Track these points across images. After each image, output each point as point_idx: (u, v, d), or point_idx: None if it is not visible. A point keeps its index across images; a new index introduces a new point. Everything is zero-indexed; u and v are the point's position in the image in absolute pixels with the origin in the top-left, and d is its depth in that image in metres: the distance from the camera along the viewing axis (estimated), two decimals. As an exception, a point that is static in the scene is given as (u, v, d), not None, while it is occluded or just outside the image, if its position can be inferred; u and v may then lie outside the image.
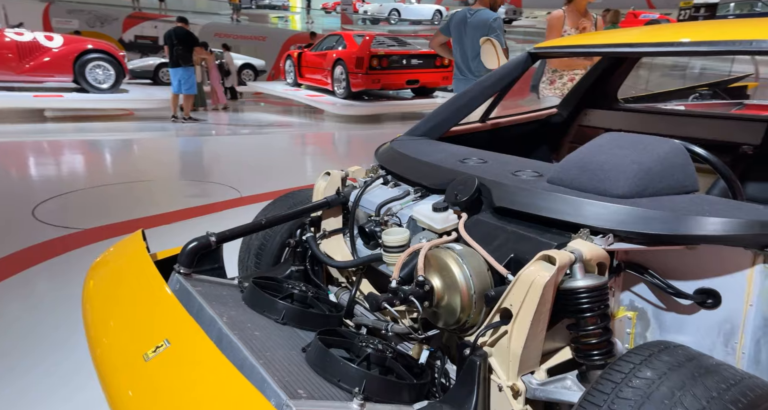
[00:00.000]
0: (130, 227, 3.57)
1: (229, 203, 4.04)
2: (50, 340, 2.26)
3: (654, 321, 1.19)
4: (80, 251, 3.18)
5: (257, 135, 8.23)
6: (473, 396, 1.09)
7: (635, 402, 0.84)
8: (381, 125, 9.72)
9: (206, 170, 5.56)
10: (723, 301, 1.07)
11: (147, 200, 4.29)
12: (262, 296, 1.46)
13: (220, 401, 0.96)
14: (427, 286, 1.23)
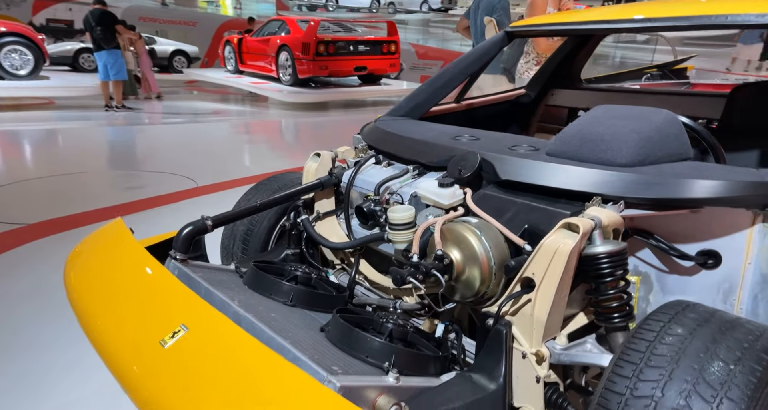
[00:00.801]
0: (80, 220, 3.33)
1: (187, 193, 3.85)
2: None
3: (657, 284, 1.28)
4: (31, 246, 2.92)
5: (200, 123, 7.88)
6: (502, 363, 1.12)
7: (672, 358, 0.89)
8: (327, 113, 9.62)
9: (154, 160, 5.26)
10: (723, 261, 1.17)
11: (94, 192, 4.00)
12: (267, 279, 1.41)
13: (259, 380, 0.92)
14: (447, 260, 1.25)
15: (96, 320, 1.17)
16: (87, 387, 1.71)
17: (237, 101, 10.78)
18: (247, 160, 5.33)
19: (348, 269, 1.79)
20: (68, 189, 4.09)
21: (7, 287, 2.53)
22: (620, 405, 0.89)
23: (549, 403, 1.14)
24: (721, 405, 0.81)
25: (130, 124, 7.54)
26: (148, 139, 6.58)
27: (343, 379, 0.98)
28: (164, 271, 1.28)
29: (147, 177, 4.47)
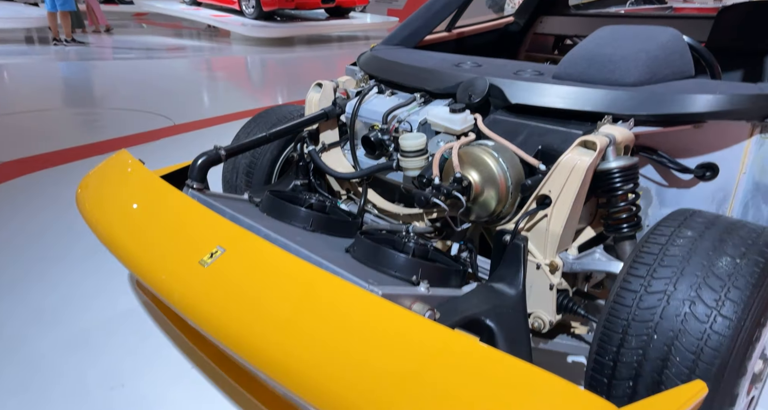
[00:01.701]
0: (57, 159, 3.20)
1: (166, 131, 3.72)
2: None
3: (656, 198, 1.39)
4: (12, 184, 2.82)
5: (157, 59, 7.44)
6: (520, 273, 1.22)
7: (683, 258, 1.00)
8: (293, 49, 9.22)
9: (120, 98, 5.00)
10: (720, 173, 1.27)
11: (64, 131, 3.81)
12: (285, 206, 1.44)
13: (309, 291, 0.98)
14: (465, 182, 1.30)
15: (127, 246, 1.19)
16: (109, 312, 1.75)
17: (193, 36, 10.14)
18: (220, 99, 5.14)
19: (355, 198, 1.83)
20: (35, 127, 3.88)
21: (9, 219, 2.48)
22: (635, 301, 1.00)
23: (560, 307, 1.26)
24: (728, 293, 0.92)
25: (83, 59, 7.05)
26: (106, 76, 6.20)
27: (383, 288, 1.05)
28: (187, 198, 1.29)
29: (119, 115, 4.27)
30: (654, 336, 0.96)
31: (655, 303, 0.98)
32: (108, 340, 1.64)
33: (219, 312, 0.98)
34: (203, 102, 4.92)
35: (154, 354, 1.58)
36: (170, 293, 1.06)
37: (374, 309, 0.92)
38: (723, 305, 0.92)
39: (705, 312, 0.93)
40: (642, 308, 0.99)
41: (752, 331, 0.92)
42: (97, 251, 2.17)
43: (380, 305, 0.93)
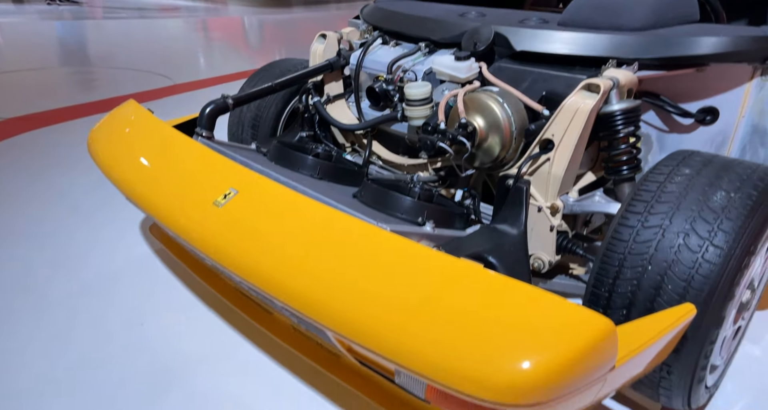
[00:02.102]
0: (62, 115, 3.21)
1: (167, 90, 3.70)
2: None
3: (656, 143, 1.42)
4: (21, 138, 2.84)
5: (151, 19, 7.28)
6: (522, 215, 1.26)
7: (680, 194, 1.04)
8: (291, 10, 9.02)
9: (119, 57, 4.93)
10: (720, 116, 1.30)
11: (66, 89, 3.79)
12: (293, 154, 1.47)
13: (320, 228, 1.03)
14: (470, 127, 1.33)
15: (143, 189, 1.23)
16: (123, 259, 1.81)
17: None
18: (218, 59, 5.07)
19: (360, 150, 1.86)
20: (34, 85, 3.86)
21: (23, 170, 2.52)
22: (632, 236, 1.05)
23: (560, 248, 1.32)
24: (721, 224, 0.97)
25: (77, 19, 6.90)
26: (103, 35, 6.09)
27: (392, 226, 1.09)
28: (198, 144, 1.32)
29: (118, 74, 4.23)
30: (648, 267, 1.01)
31: (651, 236, 1.03)
32: (124, 284, 1.70)
33: (235, 247, 1.03)
34: (202, 62, 4.86)
35: (168, 295, 1.65)
36: (188, 233, 1.11)
37: (384, 241, 0.97)
38: (715, 236, 0.97)
39: (698, 242, 0.98)
40: (638, 242, 1.04)
41: (741, 259, 0.97)
42: (107, 204, 2.22)
43: (390, 238, 0.97)
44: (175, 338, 1.48)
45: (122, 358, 1.40)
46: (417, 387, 0.88)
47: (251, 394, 1.30)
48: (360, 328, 0.87)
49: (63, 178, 2.46)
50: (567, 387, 0.77)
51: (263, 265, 0.99)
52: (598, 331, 0.77)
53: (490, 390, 0.75)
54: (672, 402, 1.11)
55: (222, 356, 1.41)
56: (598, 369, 0.79)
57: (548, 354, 0.75)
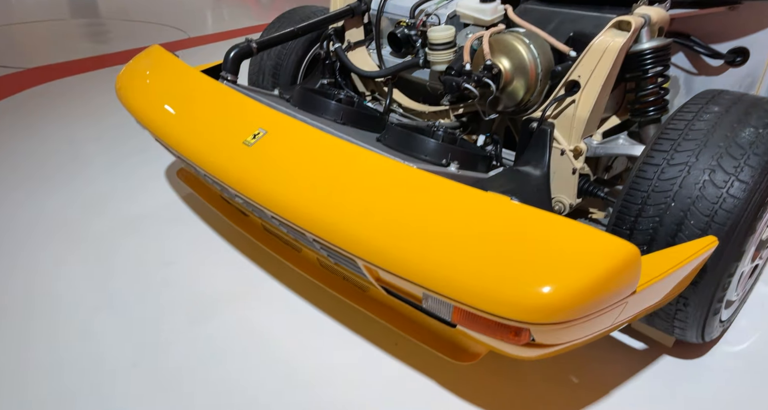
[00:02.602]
0: (77, 67, 3.23)
1: (182, 43, 3.68)
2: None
3: (684, 86, 1.40)
4: (43, 87, 2.90)
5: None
6: (545, 157, 1.28)
7: (708, 131, 1.04)
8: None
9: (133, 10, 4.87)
10: (750, 57, 1.28)
11: (79, 40, 3.78)
12: (316, 99, 1.48)
13: (347, 165, 1.05)
14: (495, 69, 1.32)
15: (174, 130, 1.26)
16: (153, 203, 1.87)
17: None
18: (234, 13, 4.99)
19: (380, 98, 1.86)
20: (50, 36, 3.86)
21: (54, 117, 2.58)
22: (656, 174, 1.06)
23: (581, 191, 1.33)
24: (747, 160, 0.98)
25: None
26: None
27: (418, 164, 1.12)
28: (224, 87, 1.33)
29: (133, 27, 4.20)
30: (672, 204, 1.03)
31: (676, 173, 1.04)
32: (156, 226, 1.77)
33: (268, 184, 1.06)
34: (216, 16, 4.79)
35: (198, 237, 1.71)
36: (220, 171, 1.14)
37: (412, 176, 0.99)
38: (741, 171, 0.98)
39: (723, 178, 0.99)
40: (662, 179, 1.05)
41: (765, 194, 0.98)
42: (133, 150, 2.27)
43: (417, 173, 1.00)
44: (206, 276, 1.54)
45: (158, 291, 1.48)
46: (443, 311, 0.92)
47: (279, 327, 1.36)
48: (390, 256, 0.91)
49: (93, 125, 2.50)
50: (589, 308, 0.81)
51: (297, 200, 1.03)
52: (622, 256, 0.80)
53: (516, 309, 0.79)
54: (686, 335, 1.15)
55: (250, 292, 1.48)
56: (619, 292, 0.82)
57: (573, 276, 0.78)
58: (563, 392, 1.19)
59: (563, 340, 0.88)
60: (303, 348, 1.30)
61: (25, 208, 1.88)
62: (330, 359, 1.27)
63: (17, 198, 1.94)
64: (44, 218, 1.83)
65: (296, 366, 1.25)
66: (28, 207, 1.88)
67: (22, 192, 1.98)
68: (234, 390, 1.19)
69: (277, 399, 1.17)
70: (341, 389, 1.19)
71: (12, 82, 3.04)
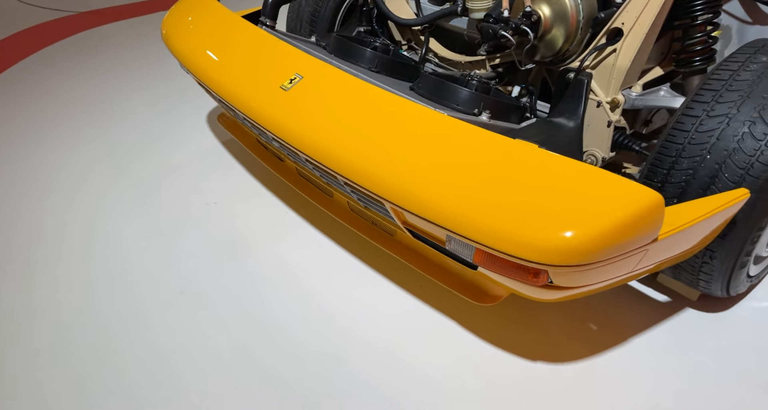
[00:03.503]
0: (129, 11, 3.33)
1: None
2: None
3: (736, 36, 1.33)
4: (87, 34, 3.03)
5: None
6: (580, 109, 1.26)
7: (752, 82, 1.00)
8: None
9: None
10: None
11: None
12: (352, 47, 1.49)
13: (381, 109, 1.08)
14: (534, 17, 1.29)
15: (215, 74, 1.30)
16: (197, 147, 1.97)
17: None
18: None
19: (416, 47, 1.84)
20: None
21: (119, 56, 2.72)
22: (694, 126, 1.04)
23: (616, 144, 1.31)
24: None
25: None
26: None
27: (448, 113, 1.13)
28: (263, 32, 1.36)
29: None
30: (707, 157, 1.01)
31: (715, 125, 1.01)
32: (199, 168, 1.87)
33: (304, 127, 1.10)
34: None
35: (237, 180, 1.80)
36: (259, 115, 1.19)
37: (442, 123, 1.01)
38: None
39: (764, 130, 0.96)
40: (700, 131, 1.03)
41: (807, 146, 0.95)
42: (179, 98, 2.35)
43: (447, 120, 1.02)
44: (245, 217, 1.63)
45: (201, 226, 1.58)
46: (466, 252, 0.96)
47: (312, 266, 1.44)
48: (416, 199, 0.94)
49: (141, 71, 2.60)
50: (606, 253, 0.83)
51: (329, 143, 1.07)
52: (644, 202, 0.81)
53: (534, 251, 0.82)
54: (711, 288, 1.15)
55: (286, 233, 1.56)
56: (638, 239, 0.84)
57: (591, 221, 0.80)
58: (583, 339, 1.23)
59: (581, 283, 0.91)
60: (331, 285, 1.38)
61: (74, 149, 2.01)
62: (356, 296, 1.35)
63: (68, 138, 2.07)
64: (92, 154, 1.95)
65: (324, 303, 1.34)
66: (78, 148, 2.01)
67: (71, 134, 2.11)
68: (267, 318, 1.29)
69: (304, 330, 1.26)
70: (366, 323, 1.27)
71: (65, 25, 3.15)
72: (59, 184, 1.82)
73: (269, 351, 1.23)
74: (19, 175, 1.88)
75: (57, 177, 1.86)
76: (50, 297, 1.38)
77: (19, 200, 1.75)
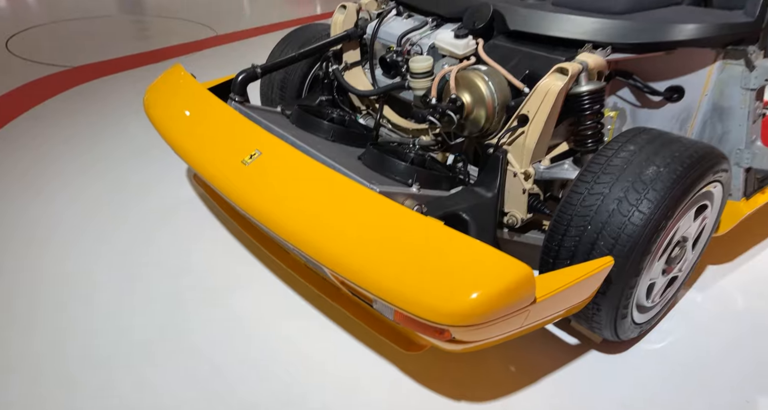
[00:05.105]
0: (118, 65, 3.56)
1: (209, 42, 3.96)
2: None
3: (630, 117, 1.58)
4: (82, 88, 3.25)
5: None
6: (497, 179, 1.48)
7: (621, 167, 1.24)
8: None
9: (163, 4, 5.18)
10: (685, 95, 1.45)
11: (120, 37, 4.12)
12: (311, 119, 1.72)
13: (325, 185, 1.30)
14: (459, 102, 1.53)
15: (186, 147, 1.52)
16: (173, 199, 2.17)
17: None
18: (259, 8, 5.23)
19: (373, 113, 2.08)
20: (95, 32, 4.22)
21: (104, 111, 2.93)
22: (579, 201, 1.27)
23: (530, 208, 1.54)
24: (648, 193, 1.18)
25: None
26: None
27: (382, 187, 1.35)
28: (231, 109, 1.58)
29: (165, 23, 4.51)
30: (588, 227, 1.23)
31: (594, 202, 1.24)
32: (172, 219, 2.06)
33: (258, 199, 1.31)
34: (243, 11, 5.04)
35: (209, 231, 2.00)
36: (220, 185, 1.40)
37: (369, 199, 1.23)
38: (641, 203, 1.18)
39: (627, 208, 1.19)
40: (583, 206, 1.25)
41: (658, 222, 1.18)
42: (162, 153, 2.56)
43: (374, 197, 1.23)
44: (214, 266, 1.83)
45: (172, 275, 1.77)
46: (388, 312, 1.17)
47: (271, 313, 1.64)
48: (347, 266, 1.15)
49: (128, 124, 2.82)
50: (494, 315, 1.03)
51: (277, 214, 1.28)
52: (518, 274, 1.02)
53: (435, 314, 1.03)
54: (603, 332, 1.37)
55: (250, 282, 1.76)
56: (519, 302, 1.05)
57: (479, 290, 1.01)
58: (503, 378, 1.43)
59: (477, 339, 1.12)
60: (287, 331, 1.58)
61: (64, 200, 2.20)
62: (308, 342, 1.54)
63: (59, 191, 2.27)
64: (77, 206, 2.15)
65: (279, 348, 1.53)
66: (68, 199, 2.21)
67: (62, 185, 2.31)
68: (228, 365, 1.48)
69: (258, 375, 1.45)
70: (314, 367, 1.46)
71: (60, 80, 3.38)
72: (52, 236, 2.02)
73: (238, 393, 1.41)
74: (21, 226, 2.07)
75: (44, 229, 2.06)
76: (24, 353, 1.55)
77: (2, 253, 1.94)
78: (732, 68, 1.38)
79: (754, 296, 1.71)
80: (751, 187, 1.54)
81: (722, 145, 1.47)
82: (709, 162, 1.25)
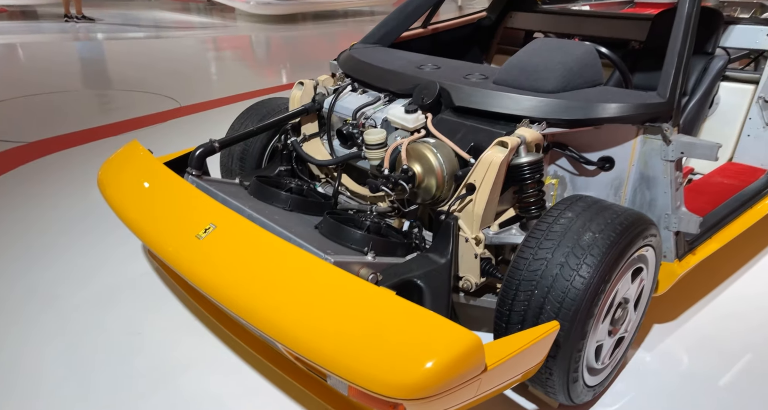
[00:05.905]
0: (76, 139, 3.56)
1: (173, 113, 4.04)
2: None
3: (570, 184, 1.68)
4: (42, 161, 3.19)
5: (166, 39, 7.67)
6: (450, 245, 1.53)
7: (561, 233, 1.31)
8: (297, 26, 9.39)
9: (129, 78, 5.30)
10: (615, 165, 1.57)
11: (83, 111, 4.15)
12: (268, 190, 1.76)
13: (279, 259, 1.31)
14: (410, 172, 1.61)
15: (140, 223, 1.52)
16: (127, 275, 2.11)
17: (199, 11, 10.33)
18: (224, 79, 5.41)
19: (332, 182, 2.15)
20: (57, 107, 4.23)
21: (50, 191, 2.86)
22: (526, 265, 1.32)
23: (483, 272, 1.58)
24: (586, 258, 1.24)
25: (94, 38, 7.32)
26: (118, 55, 6.48)
27: (336, 257, 1.37)
28: (186, 184, 1.61)
29: (129, 97, 4.59)
30: (535, 292, 1.28)
31: (539, 267, 1.29)
32: (126, 297, 2.00)
33: (211, 275, 1.31)
34: (208, 83, 5.20)
35: (163, 308, 1.94)
36: (174, 260, 1.39)
37: (323, 271, 1.25)
38: (581, 267, 1.24)
39: (569, 273, 1.25)
40: (530, 271, 1.30)
41: (598, 286, 1.24)
42: (116, 227, 2.53)
43: (327, 268, 1.25)
44: (167, 345, 1.77)
45: (123, 359, 1.70)
46: (341, 387, 1.15)
47: (228, 391, 1.58)
48: (298, 342, 1.14)
49: (81, 201, 2.78)
50: (446, 385, 1.04)
51: (227, 289, 1.28)
52: (466, 343, 1.04)
53: (390, 388, 1.02)
54: (558, 397, 1.37)
55: (206, 361, 1.70)
56: (469, 371, 1.06)
57: (428, 361, 1.02)
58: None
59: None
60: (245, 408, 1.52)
61: (11, 280, 2.12)
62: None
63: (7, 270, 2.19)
64: (22, 288, 2.06)
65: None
66: (15, 279, 2.13)
67: (10, 263, 2.23)
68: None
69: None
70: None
71: (11, 157, 3.34)
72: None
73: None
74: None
75: (-9, 306, 1.96)
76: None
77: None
78: (652, 142, 1.52)
79: (699, 354, 1.76)
80: (682, 249, 1.64)
81: (651, 210, 1.58)
82: (639, 228, 1.34)
